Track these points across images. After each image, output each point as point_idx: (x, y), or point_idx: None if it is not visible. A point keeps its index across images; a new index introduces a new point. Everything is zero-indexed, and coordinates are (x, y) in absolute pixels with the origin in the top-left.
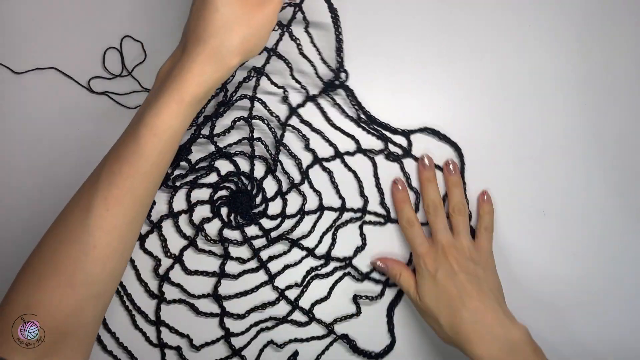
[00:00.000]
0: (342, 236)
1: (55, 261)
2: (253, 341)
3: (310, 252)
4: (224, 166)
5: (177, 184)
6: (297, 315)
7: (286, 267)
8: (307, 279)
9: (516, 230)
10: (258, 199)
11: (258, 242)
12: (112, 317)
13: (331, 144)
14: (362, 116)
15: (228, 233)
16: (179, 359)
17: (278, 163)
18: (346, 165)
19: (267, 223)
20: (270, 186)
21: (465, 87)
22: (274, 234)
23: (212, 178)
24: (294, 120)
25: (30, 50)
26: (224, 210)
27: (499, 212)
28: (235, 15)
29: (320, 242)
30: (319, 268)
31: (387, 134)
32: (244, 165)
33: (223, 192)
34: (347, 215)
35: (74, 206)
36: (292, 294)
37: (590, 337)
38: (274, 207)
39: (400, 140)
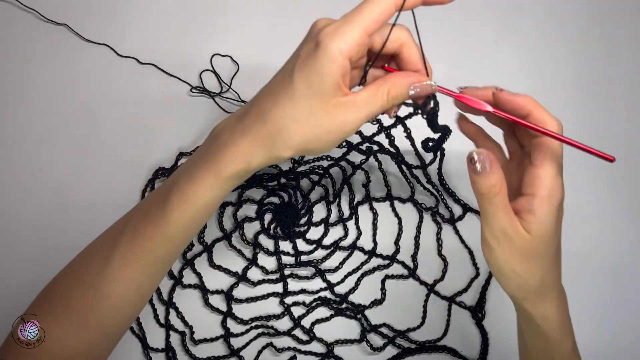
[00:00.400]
0: (364, 283)
1: (69, 299)
2: (252, 343)
3: (331, 287)
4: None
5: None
6: (298, 332)
7: (303, 290)
8: (315, 303)
9: None
10: (303, 220)
11: (285, 259)
12: None
13: (387, 185)
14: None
15: (263, 239)
16: (181, 344)
17: (337, 197)
18: (394, 209)
19: (301, 244)
20: (318, 211)
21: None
22: (303, 258)
23: (271, 182)
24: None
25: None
26: (267, 217)
27: None
28: (310, 110)
29: (343, 280)
30: (332, 303)
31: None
32: (304, 184)
33: (274, 199)
34: (375, 262)
35: (95, 251)
36: (296, 311)
37: (590, 338)
38: (314, 233)
39: (451, 204)
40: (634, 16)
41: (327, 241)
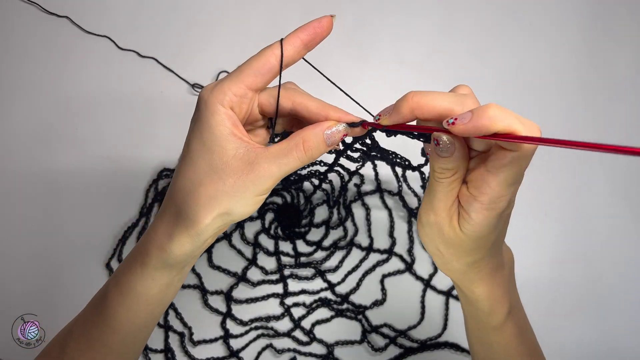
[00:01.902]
0: (365, 282)
1: None
2: (252, 344)
3: (331, 287)
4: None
5: None
6: (298, 333)
7: (303, 291)
8: (316, 304)
9: (517, 231)
10: (305, 221)
11: (285, 259)
12: None
13: (377, 179)
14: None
15: (263, 239)
16: (180, 345)
17: (337, 203)
18: (384, 202)
19: (301, 246)
20: (320, 214)
21: None
22: (303, 259)
23: None
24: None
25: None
26: (269, 216)
27: None
28: (211, 168)
29: (343, 280)
30: (333, 303)
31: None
32: (306, 187)
33: (277, 199)
34: (373, 258)
35: (51, 345)
36: (297, 312)
37: (592, 338)
38: (314, 234)
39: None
40: (634, 16)
41: (326, 242)
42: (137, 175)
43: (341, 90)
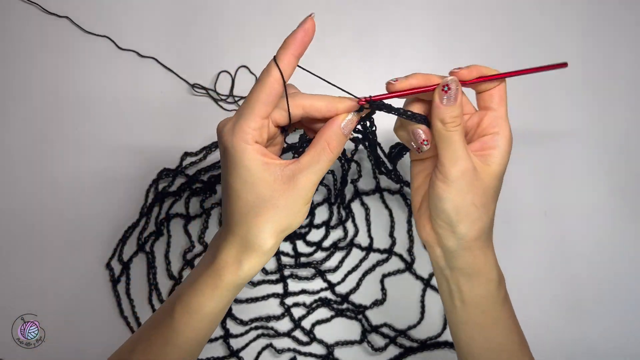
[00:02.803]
0: (365, 282)
1: None
2: (252, 343)
3: (331, 287)
4: None
5: None
6: (298, 333)
7: (303, 291)
8: (316, 304)
9: (518, 231)
10: (305, 221)
11: (285, 259)
12: (135, 286)
13: (375, 176)
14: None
15: None
16: None
17: (339, 198)
18: (384, 202)
19: (301, 246)
20: (320, 214)
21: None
22: (303, 259)
23: None
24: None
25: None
26: None
27: (500, 212)
28: (261, 199)
29: (343, 280)
30: (333, 303)
31: None
32: None
33: None
34: (373, 258)
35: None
36: (297, 312)
37: (592, 337)
38: (314, 235)
39: None
40: (634, 16)
41: (326, 243)
42: (137, 175)
43: (328, 82)
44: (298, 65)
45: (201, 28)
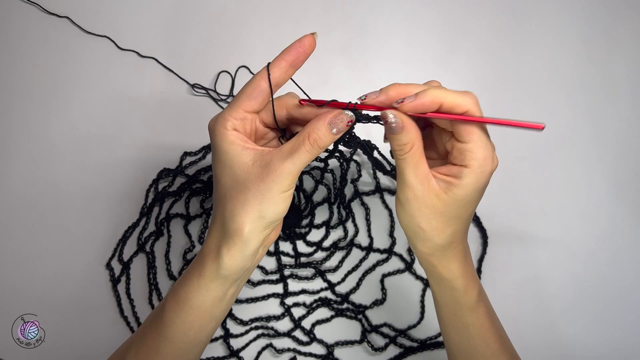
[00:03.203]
0: (365, 282)
1: None
2: (252, 343)
3: (331, 287)
4: None
5: None
6: (298, 333)
7: (303, 291)
8: (316, 304)
9: (517, 231)
10: (305, 221)
11: (285, 259)
12: (135, 286)
13: (375, 176)
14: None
15: None
16: None
17: (338, 197)
18: (384, 202)
19: (301, 246)
20: (320, 214)
21: (465, 86)
22: (303, 259)
23: None
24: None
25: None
26: None
27: (500, 212)
28: (236, 181)
29: (343, 280)
30: (333, 303)
31: None
32: (307, 186)
33: None
34: (373, 258)
35: (113, 356)
36: (297, 311)
37: (591, 337)
38: (314, 235)
39: None
40: (634, 16)
41: (326, 243)
42: (137, 175)
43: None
44: (292, 80)
45: (201, 28)
